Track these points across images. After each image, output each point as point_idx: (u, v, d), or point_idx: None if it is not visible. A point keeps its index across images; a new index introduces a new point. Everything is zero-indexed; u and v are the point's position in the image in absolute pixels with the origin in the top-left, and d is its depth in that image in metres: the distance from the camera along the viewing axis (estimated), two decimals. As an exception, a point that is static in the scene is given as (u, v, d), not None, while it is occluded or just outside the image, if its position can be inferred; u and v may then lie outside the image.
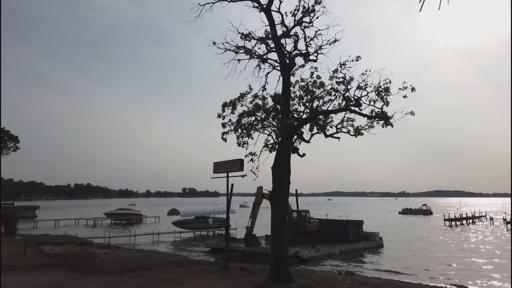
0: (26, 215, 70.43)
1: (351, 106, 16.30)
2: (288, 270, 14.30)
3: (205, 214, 49.44)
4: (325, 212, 63.87)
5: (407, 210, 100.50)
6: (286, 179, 15.03)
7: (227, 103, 19.44)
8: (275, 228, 14.67)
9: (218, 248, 31.00)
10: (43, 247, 26.45)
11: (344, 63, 16.17)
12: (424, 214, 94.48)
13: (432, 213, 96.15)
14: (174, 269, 18.07)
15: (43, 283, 14.11)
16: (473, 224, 65.76)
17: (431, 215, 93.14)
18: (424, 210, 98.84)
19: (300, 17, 16.04)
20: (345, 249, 30.65)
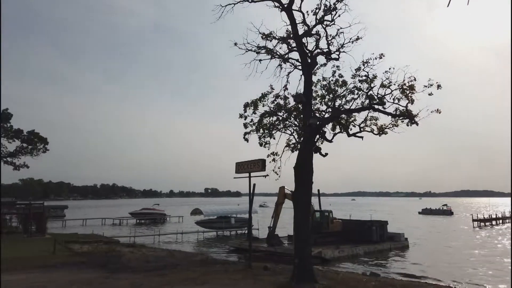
0: (56, 215, 72.68)
1: (374, 104, 16.05)
2: (311, 270, 14.21)
3: (228, 214, 49.74)
4: (349, 213, 63.15)
5: (426, 210, 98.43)
6: (308, 179, 14.93)
7: (249, 103, 19.50)
8: (298, 228, 14.60)
9: (241, 248, 31.12)
10: (71, 245, 27.28)
11: (367, 61, 15.92)
12: (445, 215, 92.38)
13: (452, 213, 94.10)
14: (198, 268, 18.26)
15: (73, 280, 14.54)
16: (502, 224, 63.52)
17: (452, 215, 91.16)
18: (444, 210, 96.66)
19: (321, 16, 15.91)
20: (370, 250, 30.18)
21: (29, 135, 53.68)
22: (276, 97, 19.02)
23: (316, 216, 32.53)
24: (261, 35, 16.71)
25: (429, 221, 72.52)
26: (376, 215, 78.49)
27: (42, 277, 15.34)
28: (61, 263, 18.94)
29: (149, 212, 73.32)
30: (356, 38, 15.77)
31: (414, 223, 67.04)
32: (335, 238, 31.81)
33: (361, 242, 31.02)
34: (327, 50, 16.28)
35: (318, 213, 33.23)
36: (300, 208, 14.68)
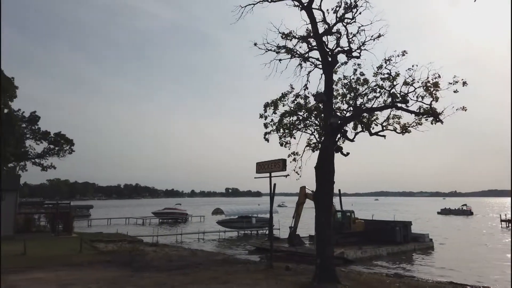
0: (81, 214, 74.55)
1: (397, 102, 15.78)
2: (334, 271, 14.09)
3: (249, 213, 49.83)
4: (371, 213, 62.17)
5: (445, 210, 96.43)
6: (329, 179, 14.81)
7: (269, 103, 19.52)
8: (319, 229, 14.50)
9: (262, 248, 31.12)
10: (97, 244, 27.95)
11: (389, 59, 15.67)
12: (464, 215, 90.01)
13: (472, 213, 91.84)
14: (220, 268, 18.39)
15: (99, 278, 14.90)
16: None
17: (471, 215, 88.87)
18: (464, 210, 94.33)
19: (342, 14, 15.76)
20: (393, 250, 29.64)
21: (56, 137, 55.41)
22: (296, 97, 18.98)
23: (338, 216, 32.20)
24: (281, 34, 16.70)
25: (448, 221, 70.75)
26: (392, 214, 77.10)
27: (70, 275, 15.79)
28: (87, 262, 19.44)
29: (171, 211, 74.28)
30: (377, 35, 15.55)
31: (433, 223, 65.40)
32: (357, 238, 31.40)
33: (384, 242, 30.50)
34: (348, 48, 16.11)
35: (340, 213, 32.89)
36: (321, 208, 14.57)
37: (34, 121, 54.83)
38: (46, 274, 15.98)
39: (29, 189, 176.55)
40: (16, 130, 48.69)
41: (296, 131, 19.19)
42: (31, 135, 55.06)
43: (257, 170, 19.80)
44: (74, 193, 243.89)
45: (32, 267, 17.51)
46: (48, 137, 55.46)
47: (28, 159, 55.91)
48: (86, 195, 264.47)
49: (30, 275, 15.58)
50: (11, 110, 50.34)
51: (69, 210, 37.54)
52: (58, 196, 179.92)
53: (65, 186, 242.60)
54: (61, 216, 35.72)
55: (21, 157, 54.19)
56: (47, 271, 16.73)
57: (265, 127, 19.54)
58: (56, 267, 17.85)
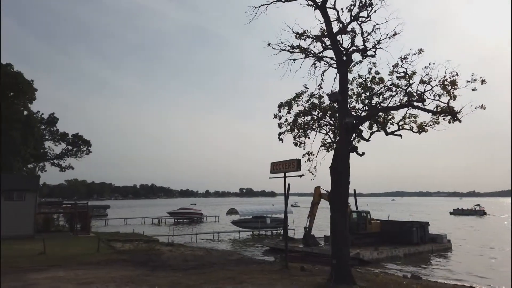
0: (99, 214, 75.68)
1: (413, 101, 15.56)
2: (349, 272, 13.98)
3: (263, 213, 49.83)
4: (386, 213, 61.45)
5: (458, 211, 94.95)
6: (345, 179, 14.70)
7: (283, 103, 19.48)
8: (335, 229, 14.42)
9: (276, 248, 31.09)
10: (114, 243, 28.38)
11: (405, 57, 15.47)
12: (477, 215, 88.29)
13: (485, 213, 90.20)
14: (235, 268, 18.47)
15: (117, 277, 15.14)
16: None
17: (484, 215, 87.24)
18: (476, 210, 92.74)
19: (356, 12, 15.62)
20: (410, 251, 29.22)
21: (73, 138, 56.59)
22: (311, 96, 18.88)
23: (353, 217, 31.91)
24: (295, 34, 16.64)
25: (460, 222, 69.31)
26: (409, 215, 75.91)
27: (88, 273, 16.09)
28: (105, 261, 19.78)
29: (186, 211, 74.81)
30: (393, 33, 15.36)
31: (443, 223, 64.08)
32: (373, 239, 31.06)
33: (400, 243, 30.09)
34: (363, 47, 15.96)
35: (355, 213, 32.59)
36: (337, 208, 14.48)
37: (52, 122, 56.12)
38: (65, 272, 16.32)
39: (48, 189, 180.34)
40: (35, 131, 49.85)
41: (311, 131, 19.09)
42: (50, 137, 56.39)
43: (271, 170, 19.80)
44: (91, 193, 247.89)
45: (52, 266, 17.91)
46: (66, 138, 56.71)
47: (47, 160, 57.27)
48: (103, 195, 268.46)
49: (50, 274, 15.95)
50: (30, 112, 51.62)
51: (87, 210, 38.16)
52: (76, 196, 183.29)
53: (83, 186, 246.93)
54: (79, 215, 36.37)
55: (41, 158, 55.50)
56: (66, 269, 17.09)
57: (280, 127, 19.51)
58: (75, 266, 18.22)
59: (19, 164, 47.96)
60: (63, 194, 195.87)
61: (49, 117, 56.24)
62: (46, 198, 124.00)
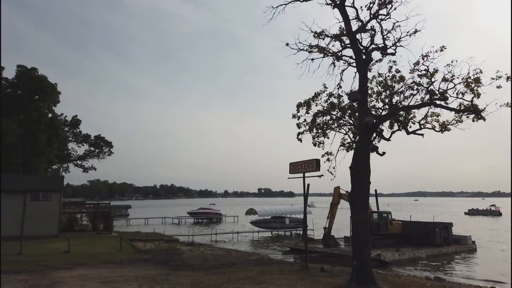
0: (120, 214, 77.07)
1: (436, 100, 15.23)
2: (371, 273, 13.81)
3: (282, 214, 49.74)
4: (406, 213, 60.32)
5: (473, 211, 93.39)
6: (365, 179, 14.52)
7: (302, 103, 19.41)
8: (356, 230, 14.27)
9: (296, 248, 31.00)
10: (136, 243, 28.89)
11: (426, 55, 15.15)
12: (492, 215, 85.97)
13: (501, 214, 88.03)
14: (255, 268, 18.51)
15: (139, 276, 15.41)
16: None
17: (500, 216, 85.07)
18: (492, 210, 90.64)
19: (376, 10, 15.41)
20: (433, 253, 28.63)
21: (96, 140, 57.87)
22: (330, 96, 18.74)
23: (374, 217, 31.48)
24: (313, 33, 16.55)
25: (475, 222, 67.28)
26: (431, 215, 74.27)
27: (111, 272, 16.44)
28: (127, 260, 20.16)
29: (205, 211, 75.41)
30: (414, 31, 15.07)
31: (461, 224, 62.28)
32: (394, 240, 30.57)
33: (423, 245, 29.53)
34: (383, 45, 15.74)
35: (376, 214, 32.15)
36: (357, 209, 14.33)
37: (76, 124, 57.54)
38: (89, 271, 16.72)
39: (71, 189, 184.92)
40: (59, 133, 51.22)
41: (330, 130, 18.94)
42: (73, 138, 57.82)
43: (290, 171, 19.77)
44: (113, 193, 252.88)
45: (76, 264, 18.38)
46: (89, 140, 58.03)
47: (71, 161, 58.74)
48: (124, 195, 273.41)
49: (75, 272, 16.37)
50: (54, 115, 53.05)
51: (109, 210, 38.87)
52: (98, 197, 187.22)
53: (105, 186, 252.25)
54: (101, 215, 37.14)
55: (64, 159, 56.98)
56: (90, 268, 17.51)
57: (298, 127, 19.44)
58: (99, 264, 18.64)
59: (44, 165, 49.37)
60: (86, 195, 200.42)
61: (72, 119, 57.70)
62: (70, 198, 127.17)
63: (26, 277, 15.18)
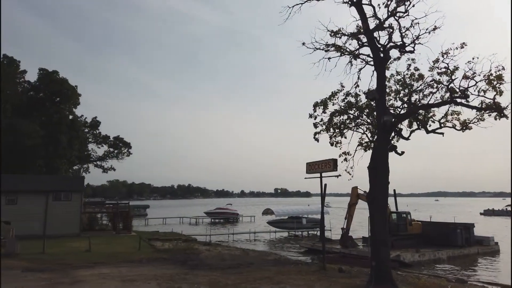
0: (139, 214, 78.16)
1: (456, 98, 14.92)
2: (390, 274, 13.61)
3: (299, 214, 49.55)
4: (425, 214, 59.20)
5: (489, 211, 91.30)
6: (384, 179, 14.33)
7: (318, 103, 19.28)
8: (375, 230, 14.09)
9: (313, 249, 30.83)
10: (154, 242, 29.25)
11: (446, 52, 14.85)
12: (508, 216, 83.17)
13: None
14: (272, 268, 18.50)
15: (158, 275, 15.61)
16: None
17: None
18: (508, 211, 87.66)
19: (394, 7, 15.18)
20: (454, 254, 28.02)
21: (115, 141, 58.94)
22: (347, 95, 18.59)
23: (393, 218, 31.05)
24: (330, 32, 16.41)
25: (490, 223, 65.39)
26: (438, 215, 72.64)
27: (131, 271, 16.71)
28: (146, 259, 20.45)
29: (222, 211, 75.81)
30: (433, 28, 14.77)
31: None
32: (413, 241, 30.07)
33: (444, 246, 28.94)
34: (401, 43, 15.49)
35: (395, 214, 31.70)
36: (376, 209, 14.16)
37: (95, 126, 58.75)
38: (110, 269, 17.03)
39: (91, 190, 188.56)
40: (80, 135, 52.36)
41: (347, 130, 18.78)
42: (93, 139, 59.05)
43: (307, 170, 19.66)
44: (131, 193, 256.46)
45: (97, 263, 18.74)
46: (108, 141, 59.18)
47: (91, 161, 60.00)
48: (142, 195, 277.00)
49: (95, 271, 16.71)
50: (75, 116, 54.29)
51: (128, 209, 39.51)
52: (117, 196, 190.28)
53: (124, 187, 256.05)
54: (121, 215, 37.78)
55: (85, 160, 58.24)
56: (110, 267, 17.83)
57: (315, 127, 19.32)
58: (119, 263, 18.97)
59: (65, 166, 50.57)
60: (105, 195, 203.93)
61: (92, 120, 58.95)
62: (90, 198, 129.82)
63: (49, 275, 15.57)
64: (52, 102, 50.22)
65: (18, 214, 30.50)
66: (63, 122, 49.12)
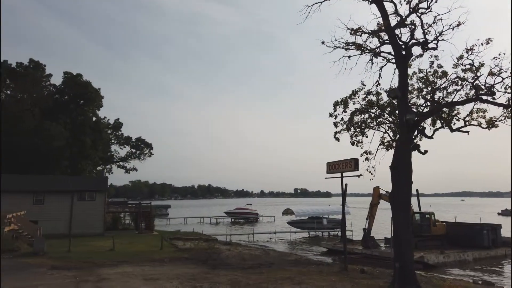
0: (161, 213, 79.30)
1: (482, 95, 14.51)
2: (414, 275, 13.36)
3: (319, 214, 49.17)
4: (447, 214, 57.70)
5: (506, 211, 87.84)
6: (407, 179, 14.06)
7: (339, 102, 19.12)
8: (398, 231, 13.84)
9: (334, 249, 30.55)
10: (176, 242, 29.64)
11: (471, 48, 14.46)
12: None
13: None
14: (293, 268, 18.45)
15: (180, 274, 15.82)
16: None
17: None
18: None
19: (416, 4, 14.88)
20: (480, 256, 27.20)
21: (137, 142, 60.01)
22: (368, 94, 18.36)
23: (416, 218, 30.40)
24: (350, 30, 16.23)
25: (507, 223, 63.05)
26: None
27: (154, 270, 16.99)
28: (168, 258, 20.76)
29: (242, 211, 76.06)
30: (456, 24, 14.41)
31: None
32: (437, 242, 29.39)
33: (469, 247, 28.15)
34: (424, 40, 15.18)
35: (418, 215, 31.04)
36: (399, 209, 13.91)
37: (118, 127, 59.95)
38: (133, 268, 17.37)
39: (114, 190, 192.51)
40: (103, 136, 53.56)
41: (368, 129, 18.54)
42: (116, 141, 60.28)
43: (327, 170, 19.52)
44: (153, 193, 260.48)
45: (120, 262, 19.15)
46: (130, 142, 60.28)
47: (114, 162, 61.25)
48: (164, 195, 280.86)
49: (119, 269, 17.07)
50: (98, 118, 55.59)
51: (150, 209, 40.15)
52: (140, 197, 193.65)
53: (145, 187, 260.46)
54: (143, 215, 38.44)
55: (108, 160, 59.53)
56: (133, 265, 18.19)
57: (335, 126, 19.16)
58: (141, 262, 19.32)
59: (90, 166, 51.83)
60: (127, 195, 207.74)
61: (114, 122, 60.17)
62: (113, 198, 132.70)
63: (75, 273, 16.01)
64: (77, 104, 51.56)
65: (45, 214, 31.54)
66: (87, 124, 50.37)
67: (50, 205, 32.70)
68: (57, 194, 33.57)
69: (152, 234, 35.23)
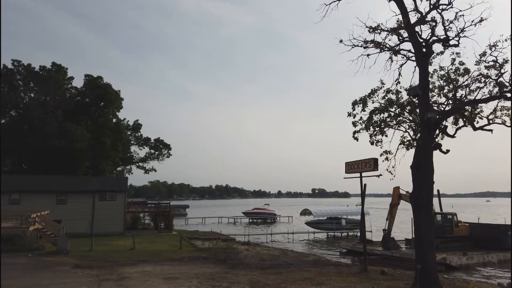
0: (179, 213, 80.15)
1: (506, 92, 14.10)
2: (436, 277, 13.08)
3: (338, 215, 48.73)
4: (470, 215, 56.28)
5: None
6: (428, 179, 13.77)
7: (357, 101, 18.97)
8: (419, 232, 13.57)
9: (353, 250, 30.23)
10: (194, 241, 29.90)
11: (494, 44, 14.11)
12: None
13: None
14: (312, 269, 18.33)
15: (199, 274, 15.94)
16: None
17: None
18: None
19: (436, 0, 14.58)
20: (505, 257, 26.38)
21: (155, 143, 60.82)
22: (387, 92, 18.16)
23: (438, 219, 29.78)
24: (368, 28, 16.05)
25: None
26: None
27: (173, 269, 17.18)
28: (187, 258, 20.95)
29: (260, 211, 76.12)
30: (479, 19, 14.06)
31: None
32: (460, 243, 28.72)
33: (494, 249, 27.37)
34: (445, 37, 14.85)
35: (440, 215, 30.39)
36: (420, 210, 13.64)
37: (137, 128, 60.90)
38: (153, 267, 17.61)
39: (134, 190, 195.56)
40: (123, 137, 54.49)
41: (388, 128, 18.30)
42: (135, 142, 61.23)
43: (346, 170, 19.30)
44: (171, 193, 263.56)
45: (140, 261, 19.44)
46: (149, 143, 61.11)
47: (133, 163, 62.22)
48: (182, 195, 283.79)
49: (139, 268, 17.33)
50: (118, 120, 56.57)
51: (169, 209, 40.61)
52: (158, 197, 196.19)
53: (164, 187, 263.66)
54: (162, 215, 38.92)
55: (127, 161, 60.51)
56: (153, 265, 18.43)
57: (354, 126, 18.99)
58: (161, 261, 19.56)
59: (110, 167, 52.80)
60: (147, 195, 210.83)
61: (134, 123, 61.13)
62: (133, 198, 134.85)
63: (97, 272, 16.34)
64: (97, 106, 52.61)
65: (68, 213, 32.33)
66: (108, 126, 51.31)
67: (72, 205, 33.49)
68: (79, 194, 34.36)
69: (171, 234, 35.62)
